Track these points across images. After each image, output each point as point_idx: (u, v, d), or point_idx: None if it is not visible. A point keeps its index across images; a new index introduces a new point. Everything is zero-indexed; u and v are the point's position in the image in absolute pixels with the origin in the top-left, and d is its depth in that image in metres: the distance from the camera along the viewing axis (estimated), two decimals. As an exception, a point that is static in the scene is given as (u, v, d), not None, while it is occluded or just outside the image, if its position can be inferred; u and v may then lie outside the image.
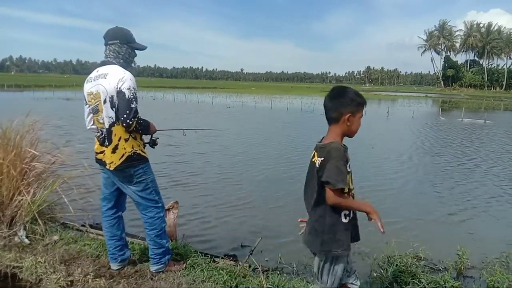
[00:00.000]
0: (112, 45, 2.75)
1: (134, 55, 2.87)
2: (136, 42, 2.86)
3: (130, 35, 2.82)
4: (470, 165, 9.48)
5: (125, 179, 2.75)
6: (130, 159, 2.69)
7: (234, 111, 23.35)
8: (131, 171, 2.72)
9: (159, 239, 2.87)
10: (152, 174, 2.88)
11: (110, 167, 2.70)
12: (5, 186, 3.52)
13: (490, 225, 5.39)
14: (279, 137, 13.42)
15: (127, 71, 2.68)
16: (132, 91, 2.60)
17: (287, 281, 2.93)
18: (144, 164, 2.79)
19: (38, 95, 33.04)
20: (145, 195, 2.82)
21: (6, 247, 3.24)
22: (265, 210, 5.62)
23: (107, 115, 2.64)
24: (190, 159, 9.04)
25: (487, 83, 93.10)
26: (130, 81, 2.61)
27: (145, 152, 2.82)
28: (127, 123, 2.57)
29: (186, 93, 41.36)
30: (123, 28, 2.85)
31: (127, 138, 2.67)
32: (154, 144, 3.02)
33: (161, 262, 2.91)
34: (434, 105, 38.97)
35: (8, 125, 3.80)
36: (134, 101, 2.60)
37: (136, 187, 2.77)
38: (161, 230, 2.88)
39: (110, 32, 2.79)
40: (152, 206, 2.85)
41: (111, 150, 2.67)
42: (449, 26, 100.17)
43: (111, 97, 2.60)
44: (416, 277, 3.21)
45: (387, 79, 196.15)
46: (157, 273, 2.91)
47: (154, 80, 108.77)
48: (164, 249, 2.90)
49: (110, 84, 2.59)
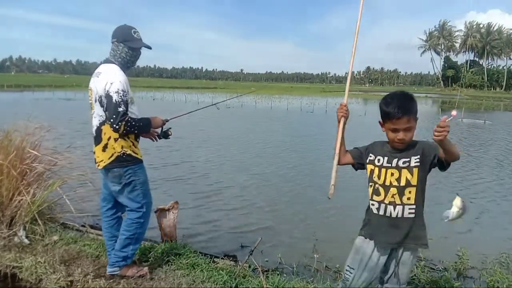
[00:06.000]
0: (112, 44, 2.71)
1: (134, 54, 2.75)
2: (137, 40, 2.73)
3: (128, 33, 2.71)
4: (471, 165, 9.48)
5: (114, 178, 2.69)
6: (119, 159, 2.63)
7: (234, 111, 23.34)
8: (121, 171, 2.66)
9: (127, 243, 2.78)
10: (143, 176, 2.79)
11: (99, 166, 2.68)
12: (5, 187, 3.52)
13: (490, 226, 5.38)
14: (278, 137, 13.42)
15: (119, 73, 2.60)
16: (121, 94, 2.52)
17: (287, 282, 2.92)
18: (135, 165, 2.71)
19: (38, 95, 33.04)
20: (132, 197, 2.74)
21: (6, 247, 3.23)
22: (265, 211, 5.61)
23: (98, 113, 2.63)
24: (191, 160, 9.03)
25: (487, 84, 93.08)
26: (119, 83, 2.54)
27: (137, 152, 2.74)
28: (114, 128, 2.52)
29: (186, 93, 41.36)
30: (125, 25, 2.75)
31: (116, 138, 2.61)
32: (166, 136, 2.94)
33: (115, 265, 2.81)
34: (434, 105, 38.97)
35: (9, 126, 3.80)
36: (122, 104, 2.52)
37: (124, 187, 2.70)
38: (133, 234, 2.77)
39: (114, 30, 2.74)
40: (134, 210, 2.76)
41: (101, 148, 2.65)
42: (449, 27, 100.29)
43: (100, 97, 2.59)
44: (416, 277, 3.21)
45: (387, 79, 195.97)
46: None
47: (154, 80, 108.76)
48: (125, 255, 2.80)
49: (100, 85, 2.57)
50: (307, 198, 6.26)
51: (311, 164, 8.95)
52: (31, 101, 25.97)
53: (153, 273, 2.91)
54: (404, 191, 1.99)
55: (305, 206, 5.88)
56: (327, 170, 2.38)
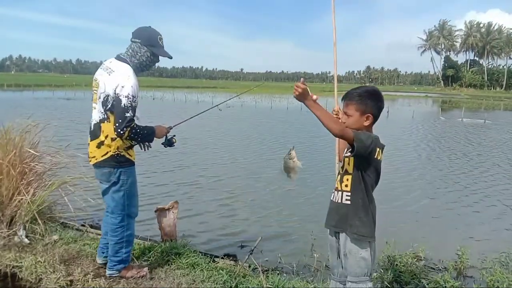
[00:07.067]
0: (133, 43, 2.65)
1: (155, 60, 2.72)
2: (161, 47, 2.70)
3: (155, 38, 2.67)
4: (471, 165, 9.48)
5: (103, 176, 2.67)
6: (112, 159, 2.61)
7: (234, 112, 23.34)
8: (111, 170, 2.63)
9: (118, 247, 2.75)
10: (132, 178, 2.73)
11: (91, 161, 2.67)
12: (4, 186, 3.51)
13: (490, 225, 5.39)
14: (277, 138, 13.42)
15: (132, 76, 2.55)
16: (130, 99, 2.48)
17: (287, 281, 2.92)
18: (126, 167, 2.68)
19: (38, 95, 33.03)
20: (116, 197, 2.69)
21: (5, 247, 3.23)
22: (265, 210, 5.61)
23: (99, 109, 2.60)
24: (192, 160, 9.03)
25: (487, 83, 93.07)
26: (130, 88, 2.49)
27: (131, 154, 2.71)
28: (119, 133, 2.49)
29: (185, 93, 41.33)
30: (152, 29, 2.71)
31: (114, 137, 2.58)
32: (170, 144, 2.92)
33: (113, 269, 2.81)
34: (434, 105, 38.97)
35: (9, 126, 3.80)
36: (131, 109, 2.48)
37: (111, 186, 2.67)
38: (121, 239, 2.74)
39: (137, 30, 2.69)
40: (118, 213, 2.72)
41: (96, 144, 2.62)
42: (449, 26, 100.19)
43: (106, 95, 2.54)
44: (416, 277, 3.21)
45: (387, 79, 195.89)
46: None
47: (154, 80, 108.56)
48: (120, 258, 2.78)
49: (110, 84, 2.52)
50: (307, 198, 6.26)
51: (311, 165, 8.95)
52: (31, 101, 25.96)
53: (153, 273, 2.91)
54: (343, 178, 2.11)
55: (305, 205, 5.88)
56: (328, 169, 2.38)
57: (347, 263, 2.09)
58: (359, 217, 2.04)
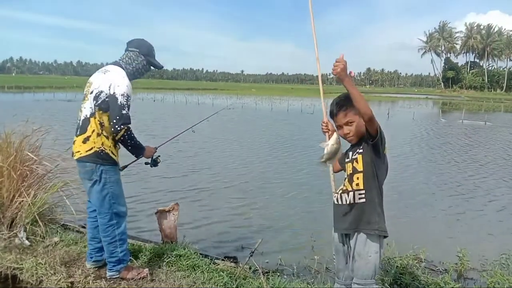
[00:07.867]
0: (131, 52, 2.79)
1: (147, 69, 2.88)
2: (155, 59, 2.90)
3: (152, 50, 2.88)
4: (472, 167, 9.48)
5: (86, 174, 2.68)
6: (95, 155, 2.62)
7: (234, 112, 23.35)
8: (93, 166, 2.64)
9: (112, 247, 2.75)
10: (115, 177, 2.73)
11: (74, 156, 2.68)
12: (5, 188, 3.52)
13: (491, 227, 5.38)
14: (277, 138, 13.42)
15: (126, 78, 2.66)
16: (126, 98, 2.58)
17: (287, 283, 2.93)
18: (109, 165, 2.68)
19: (38, 96, 33.07)
20: (101, 197, 2.69)
21: (6, 249, 3.23)
22: (265, 212, 5.62)
23: (90, 105, 2.64)
24: (193, 160, 9.04)
25: (487, 85, 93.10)
26: (126, 87, 2.60)
27: (115, 154, 2.72)
28: (115, 129, 2.54)
29: (186, 95, 41.39)
30: (147, 42, 2.90)
31: (99, 133, 2.62)
32: (155, 164, 2.99)
33: (113, 270, 2.81)
34: (435, 107, 38.98)
35: (9, 128, 3.81)
36: (126, 107, 2.57)
37: (94, 184, 2.68)
38: (113, 238, 2.75)
39: (135, 40, 2.85)
40: (105, 212, 2.72)
41: (82, 139, 2.64)
42: (449, 28, 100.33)
43: (99, 91, 2.59)
44: (417, 279, 3.21)
45: (387, 80, 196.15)
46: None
47: (154, 82, 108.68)
48: (117, 258, 2.78)
49: (106, 81, 2.60)
50: (308, 200, 6.26)
51: (312, 166, 8.95)
52: (32, 102, 25.99)
53: (154, 275, 2.91)
54: (352, 177, 2.07)
55: (306, 207, 5.88)
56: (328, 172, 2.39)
57: (356, 265, 2.07)
58: (377, 213, 2.04)
